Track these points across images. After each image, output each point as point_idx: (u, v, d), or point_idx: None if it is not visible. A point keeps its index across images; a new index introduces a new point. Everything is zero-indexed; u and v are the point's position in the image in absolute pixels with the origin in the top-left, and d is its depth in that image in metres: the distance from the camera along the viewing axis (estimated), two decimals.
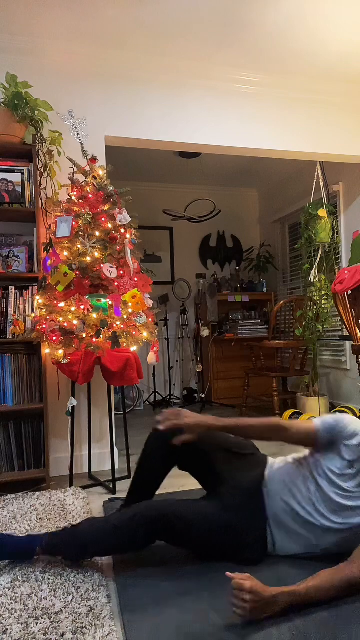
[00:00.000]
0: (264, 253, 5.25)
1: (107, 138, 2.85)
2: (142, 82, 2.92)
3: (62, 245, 2.31)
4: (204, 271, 5.41)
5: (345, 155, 3.37)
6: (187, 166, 4.68)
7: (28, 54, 2.68)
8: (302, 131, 3.25)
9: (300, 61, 2.96)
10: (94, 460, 2.68)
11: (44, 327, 2.23)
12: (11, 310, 2.47)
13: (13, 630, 1.24)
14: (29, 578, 1.50)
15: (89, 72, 2.82)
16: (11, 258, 2.53)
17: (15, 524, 1.94)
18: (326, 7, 2.47)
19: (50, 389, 2.51)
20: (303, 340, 3.76)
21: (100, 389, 2.70)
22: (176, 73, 2.98)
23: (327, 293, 3.58)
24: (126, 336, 2.31)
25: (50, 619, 1.28)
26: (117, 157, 3.17)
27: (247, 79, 3.10)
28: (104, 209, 2.35)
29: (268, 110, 3.18)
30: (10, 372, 2.46)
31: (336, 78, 3.17)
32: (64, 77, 2.77)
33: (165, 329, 5.09)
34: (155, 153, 3.43)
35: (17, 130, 2.44)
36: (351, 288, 2.57)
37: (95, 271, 2.26)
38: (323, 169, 3.81)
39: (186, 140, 3.03)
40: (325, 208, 3.64)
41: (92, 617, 1.28)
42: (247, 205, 5.60)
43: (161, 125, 2.96)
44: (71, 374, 2.26)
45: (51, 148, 2.56)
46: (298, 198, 4.67)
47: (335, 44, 2.79)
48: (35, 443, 2.48)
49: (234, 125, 3.12)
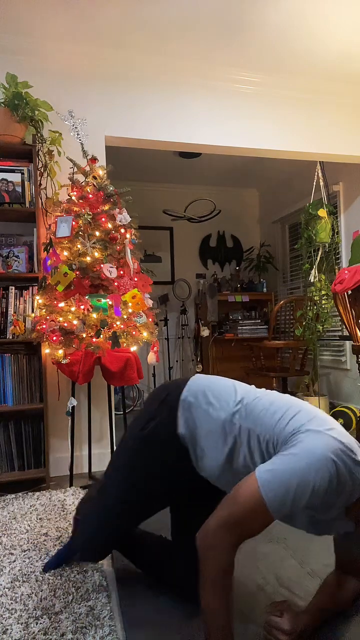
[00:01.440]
0: (264, 253, 5.25)
1: (107, 138, 2.85)
2: (142, 82, 2.92)
3: (62, 245, 2.31)
4: (204, 271, 5.41)
5: (345, 155, 3.37)
6: (187, 166, 4.68)
7: (28, 54, 2.68)
8: (302, 131, 3.25)
9: (300, 61, 2.96)
10: (94, 460, 2.68)
11: (44, 327, 2.23)
12: (11, 310, 2.47)
13: (13, 630, 1.24)
14: (29, 578, 1.50)
15: (89, 72, 2.82)
16: (11, 258, 2.53)
17: (15, 524, 1.94)
18: (326, 7, 2.47)
19: (50, 389, 2.51)
20: (303, 340, 3.76)
21: (100, 389, 2.69)
22: (176, 73, 2.98)
23: (327, 293, 3.58)
24: (126, 336, 2.30)
25: (50, 619, 1.28)
26: (117, 157, 3.17)
27: (247, 79, 3.09)
28: (104, 209, 2.35)
29: (268, 110, 3.18)
30: (10, 372, 2.46)
31: (336, 78, 3.17)
32: (64, 77, 2.77)
33: (165, 329, 5.09)
34: (155, 153, 3.43)
35: (17, 130, 2.44)
36: (351, 288, 2.57)
37: (95, 271, 2.26)
38: (323, 169, 3.80)
39: (186, 140, 3.03)
40: (325, 208, 3.64)
41: (92, 617, 1.28)
42: (247, 205, 5.60)
43: (161, 125, 2.96)
44: (71, 374, 2.26)
45: (51, 148, 2.55)
46: (298, 198, 4.67)
47: (335, 44, 2.78)
48: (35, 443, 2.48)
49: (234, 125, 3.12)
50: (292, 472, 0.99)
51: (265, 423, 1.14)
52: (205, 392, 1.27)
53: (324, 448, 1.01)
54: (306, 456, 1.00)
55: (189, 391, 1.29)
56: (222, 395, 1.25)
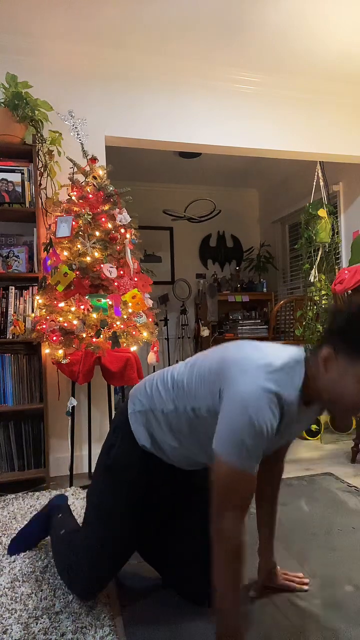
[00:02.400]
0: (264, 253, 5.25)
1: (107, 138, 2.85)
2: (142, 82, 2.92)
3: (62, 245, 2.31)
4: (204, 271, 5.41)
5: (345, 155, 3.37)
6: (187, 166, 4.68)
7: (28, 54, 2.67)
8: (302, 131, 3.25)
9: (300, 61, 2.96)
10: (94, 460, 2.68)
11: (44, 327, 2.23)
12: (11, 310, 2.47)
13: (13, 630, 1.24)
14: (29, 578, 1.50)
15: (89, 72, 2.82)
16: (11, 258, 2.53)
17: (15, 524, 1.94)
18: (326, 7, 2.47)
19: (50, 389, 2.51)
20: (303, 340, 3.76)
21: (100, 389, 2.69)
22: (176, 73, 2.97)
23: (327, 293, 3.58)
24: (126, 336, 2.30)
25: (50, 619, 1.28)
26: (117, 157, 3.17)
27: (247, 79, 3.09)
28: (104, 209, 2.34)
29: (268, 110, 3.18)
30: (10, 372, 2.46)
31: (336, 78, 3.17)
32: (64, 77, 2.77)
33: (165, 329, 5.08)
34: (155, 153, 3.43)
35: (17, 130, 2.44)
36: (351, 288, 2.58)
37: (95, 271, 2.26)
38: (323, 169, 3.80)
39: (186, 140, 3.02)
40: (325, 208, 3.64)
41: (92, 617, 1.28)
42: (247, 205, 5.60)
43: (161, 125, 2.96)
44: (71, 374, 2.26)
45: (51, 148, 2.55)
46: (298, 198, 4.67)
47: (335, 44, 2.78)
48: (35, 443, 2.48)
49: (234, 125, 3.11)
50: (234, 427, 1.03)
51: (198, 395, 1.17)
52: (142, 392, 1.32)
53: (246, 387, 1.03)
54: (237, 404, 1.03)
55: (131, 402, 1.33)
56: (158, 385, 1.29)
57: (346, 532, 1.80)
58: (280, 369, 1.06)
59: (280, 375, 1.05)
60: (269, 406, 1.01)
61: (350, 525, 1.86)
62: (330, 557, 1.61)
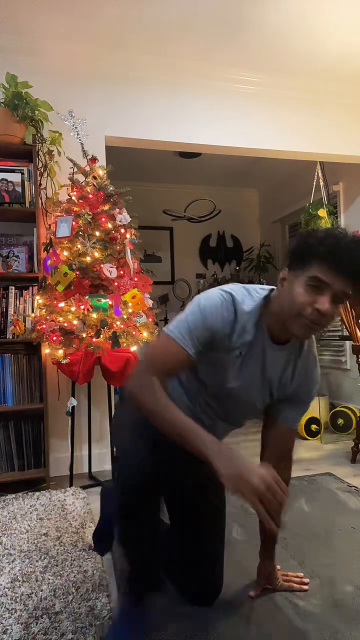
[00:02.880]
0: (264, 253, 5.25)
1: (107, 138, 2.85)
2: (142, 82, 2.92)
3: (62, 245, 2.31)
4: (204, 271, 5.41)
5: (345, 155, 3.37)
6: (187, 166, 4.68)
7: (28, 54, 2.67)
8: (302, 131, 3.25)
9: (300, 61, 2.96)
10: (94, 460, 2.68)
11: (44, 327, 2.23)
12: (11, 310, 2.47)
13: (13, 630, 1.24)
14: (29, 578, 1.50)
15: (89, 72, 2.82)
16: (11, 258, 2.53)
17: (15, 524, 1.94)
18: (326, 7, 2.47)
19: (50, 389, 2.51)
20: None
21: (100, 389, 2.69)
22: (176, 73, 2.97)
23: None
24: (126, 336, 2.30)
25: (50, 619, 1.28)
26: (117, 157, 3.17)
27: (247, 79, 3.09)
28: (104, 209, 2.35)
29: (268, 110, 3.18)
30: (10, 372, 2.46)
31: (336, 78, 3.17)
32: (64, 77, 2.76)
33: None
34: (155, 153, 3.42)
35: (17, 130, 2.44)
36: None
37: (95, 271, 2.26)
38: (323, 169, 3.80)
39: (186, 140, 3.02)
40: (325, 208, 3.64)
41: (92, 617, 1.28)
42: (247, 205, 5.60)
43: (161, 125, 2.96)
44: (71, 374, 2.26)
45: (51, 148, 2.55)
46: (298, 198, 4.67)
47: (335, 44, 2.78)
48: (35, 443, 2.48)
49: (234, 125, 3.11)
50: (184, 312, 1.17)
51: None
52: None
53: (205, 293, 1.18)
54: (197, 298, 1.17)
55: None
56: None
57: (346, 532, 1.80)
58: (242, 289, 1.20)
59: (240, 290, 1.19)
60: (219, 297, 1.15)
61: (350, 525, 1.86)
62: (330, 557, 1.61)
